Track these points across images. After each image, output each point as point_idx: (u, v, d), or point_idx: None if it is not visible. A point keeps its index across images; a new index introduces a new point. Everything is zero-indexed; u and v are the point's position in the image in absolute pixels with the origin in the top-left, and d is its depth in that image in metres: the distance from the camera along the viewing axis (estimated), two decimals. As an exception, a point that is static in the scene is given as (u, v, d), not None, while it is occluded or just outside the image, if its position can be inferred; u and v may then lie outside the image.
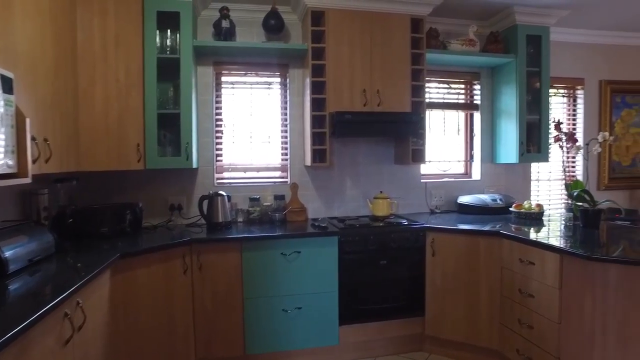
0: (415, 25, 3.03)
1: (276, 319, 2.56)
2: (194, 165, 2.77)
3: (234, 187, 3.12)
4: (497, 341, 2.56)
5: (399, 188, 3.40)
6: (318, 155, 2.95)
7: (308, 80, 2.90)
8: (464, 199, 3.35)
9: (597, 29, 3.72)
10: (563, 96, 3.82)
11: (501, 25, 3.34)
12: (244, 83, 3.17)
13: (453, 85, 3.55)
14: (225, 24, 2.85)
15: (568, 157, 3.22)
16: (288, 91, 3.20)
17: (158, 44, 2.62)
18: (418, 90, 3.06)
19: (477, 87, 3.56)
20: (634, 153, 4.01)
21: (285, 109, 3.23)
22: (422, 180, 3.46)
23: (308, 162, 2.99)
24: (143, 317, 2.17)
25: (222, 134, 3.16)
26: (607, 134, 2.44)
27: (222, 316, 2.48)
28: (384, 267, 2.72)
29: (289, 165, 3.22)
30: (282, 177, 3.25)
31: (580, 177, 3.76)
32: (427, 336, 2.80)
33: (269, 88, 3.22)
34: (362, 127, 2.84)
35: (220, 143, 3.16)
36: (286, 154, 3.24)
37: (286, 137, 3.23)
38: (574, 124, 3.85)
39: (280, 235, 2.55)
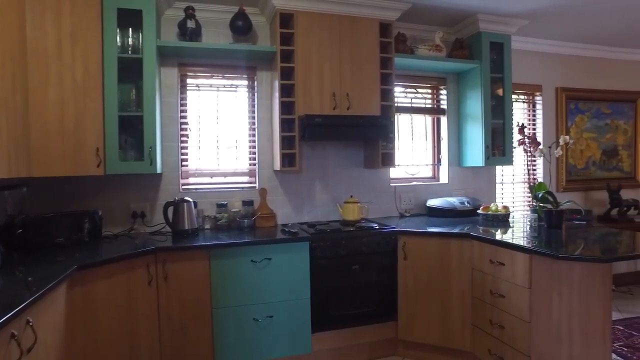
0: (383, 30, 3.04)
1: (247, 329, 2.47)
2: (158, 171, 2.64)
3: (201, 193, 3.01)
4: (469, 343, 2.58)
5: (369, 192, 3.39)
6: (287, 160, 2.89)
7: (277, 83, 2.85)
8: (433, 202, 3.39)
9: (553, 39, 3.89)
10: (523, 102, 3.96)
11: (466, 32, 3.43)
12: (210, 85, 3.07)
13: (420, 90, 3.59)
14: (190, 24, 2.75)
15: (530, 160, 3.32)
16: (256, 94, 3.13)
17: (119, 43, 2.49)
18: (387, 94, 3.07)
19: (444, 92, 3.63)
20: (587, 157, 4.21)
21: (254, 112, 3.15)
22: (391, 184, 3.47)
23: (277, 166, 2.92)
24: (104, 333, 2.03)
25: (188, 137, 3.04)
26: (567, 137, 2.54)
27: (190, 328, 2.36)
28: (356, 272, 2.69)
29: (257, 170, 3.14)
30: (251, 182, 3.17)
31: (540, 180, 3.90)
32: (400, 340, 2.79)
33: (236, 91, 3.14)
34: (332, 131, 2.81)
35: (186, 147, 3.04)
36: (254, 159, 3.16)
37: (254, 141, 3.16)
38: (534, 129, 4.00)
39: (250, 242, 2.46)
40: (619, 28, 3.69)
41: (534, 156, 2.87)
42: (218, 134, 3.10)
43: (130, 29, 2.57)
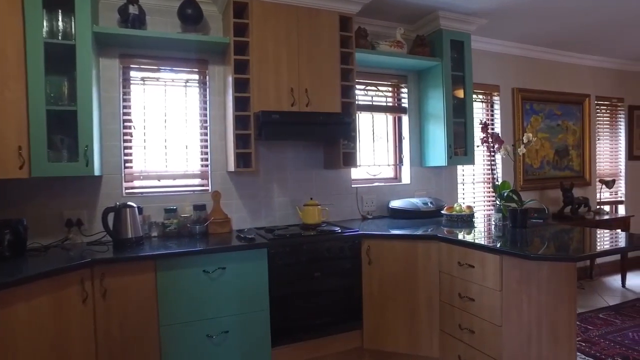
0: (344, 24, 2.91)
1: (200, 347, 2.22)
2: (96, 173, 2.35)
3: (147, 197, 2.73)
4: (438, 349, 2.47)
5: (329, 194, 3.24)
6: (242, 160, 2.69)
7: (230, 78, 2.63)
8: (396, 204, 3.29)
9: (510, 40, 3.94)
10: (482, 102, 3.97)
11: (427, 30, 3.37)
12: (157, 79, 2.80)
13: (381, 88, 3.50)
14: (132, 9, 2.48)
15: (491, 160, 3.30)
16: (208, 90, 2.89)
17: (46, 27, 2.19)
18: (348, 91, 2.94)
19: (405, 90, 3.55)
20: (542, 156, 4.30)
21: (205, 109, 2.91)
22: (353, 186, 3.34)
23: (231, 167, 2.71)
24: (26, 362, 1.73)
25: (132, 136, 2.75)
26: (530, 135, 2.51)
27: (134, 349, 2.09)
28: (318, 279, 2.52)
29: (210, 172, 2.90)
30: (203, 185, 2.92)
31: (499, 179, 3.91)
32: (367, 350, 2.64)
33: (186, 86, 2.89)
34: (290, 128, 2.63)
35: (130, 147, 2.75)
36: (207, 159, 2.92)
37: (206, 141, 2.92)
38: (492, 128, 4.02)
39: (202, 250, 2.23)
40: (568, 33, 3.80)
41: (494, 154, 2.83)
42: (166, 132, 2.84)
43: (60, 12, 2.26)
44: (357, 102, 3.08)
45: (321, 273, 2.53)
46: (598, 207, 4.56)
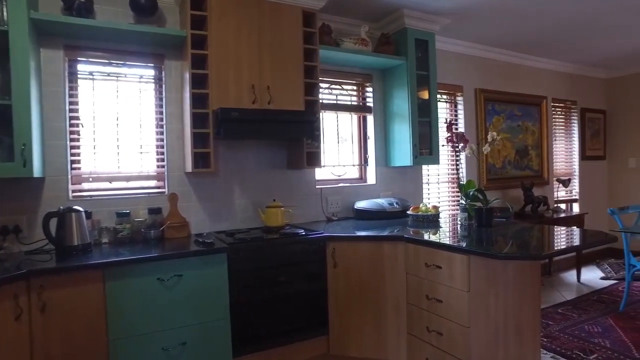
0: (307, 20, 2.82)
1: (153, 362, 2.06)
2: (37, 174, 2.14)
3: (97, 200, 2.53)
4: (406, 353, 2.42)
5: (293, 195, 3.13)
6: (201, 160, 2.54)
7: (188, 74, 2.48)
8: (361, 205, 3.23)
9: (473, 41, 3.99)
10: (446, 102, 3.99)
11: (392, 28, 3.34)
12: (109, 74, 2.61)
13: (346, 87, 3.43)
14: (78, -4, 2.28)
15: (455, 159, 3.31)
16: (164, 86, 2.72)
17: (-27, 11, 1.96)
18: (312, 89, 2.85)
19: (370, 89, 3.50)
20: (504, 156, 4.38)
21: (162, 106, 2.74)
22: (317, 187, 3.25)
23: (189, 168, 2.55)
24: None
25: (80, 135, 2.54)
26: (495, 133, 2.51)
27: (78, 368, 1.90)
28: (282, 284, 2.41)
29: (166, 173, 2.73)
30: (159, 187, 2.75)
31: (464, 179, 3.94)
32: (333, 356, 2.55)
33: (140, 82, 2.70)
34: (251, 127, 2.51)
35: (78, 147, 2.54)
36: (163, 160, 2.75)
37: (163, 140, 2.74)
38: (456, 128, 4.04)
39: (156, 256, 2.06)
40: (526, 36, 3.89)
41: (460, 153, 2.82)
42: (119, 131, 2.64)
43: (-10, -6, 2.04)
44: (321, 101, 2.99)
45: (285, 277, 2.42)
46: (555, 205, 4.70)
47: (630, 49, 4.49)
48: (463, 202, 2.66)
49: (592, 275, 4.58)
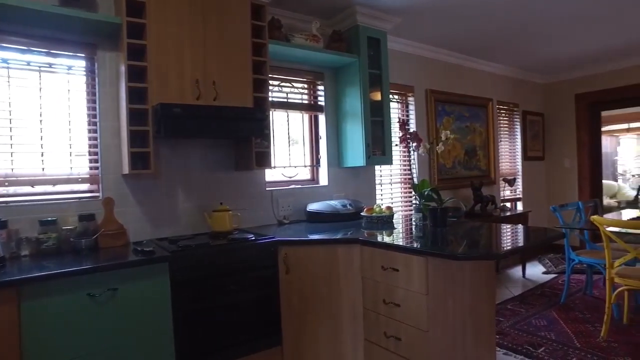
0: (256, 12, 2.67)
1: (83, 389, 1.82)
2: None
3: (15, 207, 2.22)
4: (362, 360, 2.33)
5: (242, 198, 2.96)
6: (139, 161, 2.31)
7: (123, 66, 2.25)
8: (314, 207, 3.11)
9: (423, 42, 4.02)
10: (397, 102, 3.98)
11: (343, 25, 3.26)
12: (28, 63, 2.30)
13: (296, 85, 3.31)
14: (-12, -27, 1.98)
15: (410, 159, 3.29)
16: (97, 79, 2.46)
17: None
18: (261, 85, 2.70)
19: (321, 87, 3.40)
20: (454, 156, 4.45)
21: (94, 102, 2.47)
22: (267, 189, 3.10)
23: (126, 169, 2.31)
24: None
25: (-7, 133, 2.23)
26: (448, 132, 2.49)
27: (-12, 403, 1.63)
28: (231, 293, 2.24)
29: (100, 175, 2.47)
30: (92, 191, 2.48)
31: (415, 178, 3.95)
32: (286, 368, 2.41)
33: (69, 73, 2.42)
34: (196, 124, 2.32)
35: (-10, 146, 2.22)
36: (96, 161, 2.48)
37: (96, 139, 2.48)
38: (408, 128, 4.04)
39: (86, 269, 1.82)
40: (473, 40, 3.98)
41: (415, 152, 2.79)
42: (43, 128, 2.35)
43: None
44: (271, 99, 2.85)
45: (234, 286, 2.25)
46: (502, 204, 4.85)
47: (563, 57, 4.79)
48: (417, 202, 2.62)
49: (535, 270, 4.77)
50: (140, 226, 2.56)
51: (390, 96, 3.84)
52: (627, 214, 3.87)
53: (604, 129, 5.65)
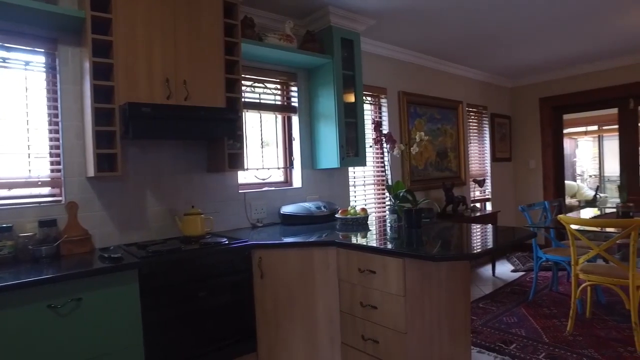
0: (228, 10, 2.61)
1: (44, 406, 1.70)
2: None
3: (-33, 213, 2.07)
4: (339, 364, 2.30)
5: (214, 201, 2.88)
6: (106, 163, 2.21)
7: (88, 63, 2.14)
8: (288, 209, 3.07)
9: (396, 45, 4.05)
10: (370, 104, 3.99)
11: (317, 26, 3.24)
12: (-19, 59, 2.16)
13: (269, 85, 3.25)
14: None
15: (383, 160, 3.29)
16: (59, 76, 2.33)
17: None
18: (233, 85, 2.64)
19: (295, 88, 3.37)
20: (426, 158, 4.50)
21: (56, 100, 2.34)
22: (240, 191, 3.03)
23: (91, 172, 2.20)
24: None
25: (-58, 133, 2.07)
26: (422, 133, 2.51)
27: None
28: (204, 299, 2.16)
29: (63, 178, 2.33)
30: (53, 195, 2.34)
31: (389, 180, 3.97)
32: (261, 375, 2.36)
33: (26, 69, 2.28)
34: (166, 125, 2.23)
35: (-61, 147, 2.06)
36: (59, 163, 2.35)
37: (58, 140, 2.34)
38: (381, 130, 4.06)
39: (45, 279, 1.70)
40: (443, 43, 4.05)
41: (389, 153, 2.79)
42: (-3, 128, 2.21)
43: None
44: (243, 99, 2.79)
45: (207, 292, 2.17)
46: (472, 204, 4.95)
47: (529, 62, 4.98)
48: (391, 203, 2.63)
49: (504, 269, 4.90)
50: (107, 231, 2.44)
51: (364, 98, 3.85)
52: (586, 213, 4.04)
53: (564, 131, 5.88)
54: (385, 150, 2.64)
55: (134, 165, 2.55)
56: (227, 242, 2.35)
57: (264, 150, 3.29)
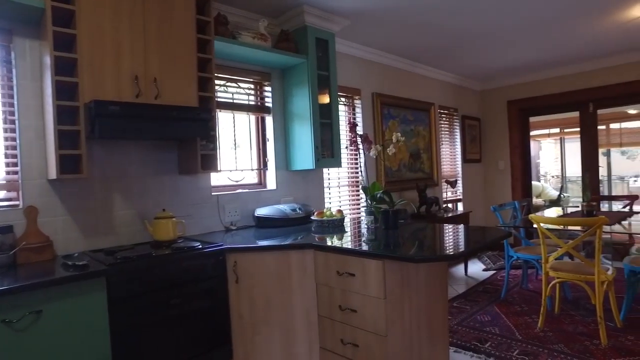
0: (201, 6, 2.52)
1: None
2: None
3: None
4: (318, 369, 2.25)
5: (186, 204, 2.77)
6: (69, 164, 2.08)
7: (49, 57, 2.00)
8: (262, 212, 3.00)
9: (370, 46, 4.05)
10: (344, 104, 3.97)
11: (291, 25, 3.18)
12: None
13: (243, 85, 3.17)
14: None
15: (359, 161, 3.27)
16: (15, 71, 2.17)
17: None
18: (206, 84, 2.55)
19: (269, 88, 3.30)
20: (399, 159, 4.52)
21: (12, 97, 2.19)
22: (213, 193, 2.93)
23: (53, 174, 2.06)
24: None
25: None
26: (399, 134, 2.50)
27: None
28: (177, 306, 2.07)
29: (20, 181, 2.18)
30: (10, 199, 2.18)
31: (364, 181, 3.95)
32: (237, 383, 2.28)
33: (-22, 65, 2.12)
34: (135, 124, 2.12)
35: None
36: (15, 164, 2.19)
37: (15, 140, 2.19)
38: (357, 131, 4.05)
39: None
40: (416, 46, 4.09)
41: (366, 154, 2.77)
42: (-54, 127, 2.03)
43: None
44: (217, 99, 2.71)
45: (180, 299, 2.08)
46: (445, 205, 5.02)
47: (497, 66, 5.12)
48: (367, 204, 2.60)
49: (476, 268, 4.98)
50: (72, 237, 2.30)
51: (338, 98, 3.83)
52: (550, 212, 4.17)
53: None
54: (361, 151, 2.61)
55: (101, 166, 2.41)
56: (200, 246, 2.26)
57: (238, 151, 3.21)
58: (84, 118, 2.04)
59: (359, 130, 3.99)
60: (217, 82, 2.88)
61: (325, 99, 3.29)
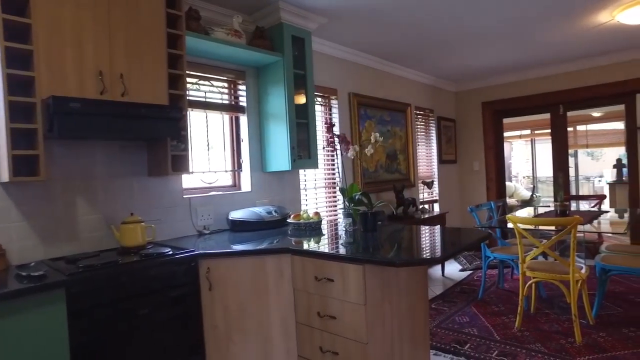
0: (171, 0, 2.40)
1: None
2: None
3: None
4: (296, 379, 2.16)
5: (156, 207, 2.64)
6: (25, 166, 1.92)
7: (0, 49, 1.85)
8: (236, 215, 2.89)
9: (347, 46, 4.00)
10: (320, 104, 3.90)
11: (267, 22, 3.09)
12: None
13: (216, 83, 3.05)
14: None
15: (336, 163, 3.20)
16: (-36, 66, 2.00)
17: None
18: (177, 81, 2.43)
19: (243, 87, 3.19)
20: (376, 160, 4.49)
21: (-39, 93, 2.01)
22: (185, 196, 2.80)
23: (5, 176, 1.90)
24: None
25: None
26: (377, 134, 2.44)
27: None
28: (146, 317, 1.94)
29: (-29, 184, 2.01)
30: (-41, 204, 2.01)
31: (341, 182, 3.89)
32: (211, 396, 2.16)
33: None
34: (100, 123, 1.98)
35: None
36: (-34, 166, 2.01)
37: (-36, 139, 2.01)
38: (334, 131, 3.98)
39: (-53, 304, 1.43)
40: (393, 46, 4.07)
41: (343, 155, 2.71)
42: None
43: None
44: (188, 98, 2.59)
45: (149, 309, 1.95)
46: (421, 206, 5.01)
47: (472, 68, 5.17)
48: (345, 206, 2.54)
49: (452, 268, 5.00)
50: (28, 245, 2.13)
51: (315, 98, 3.75)
52: (523, 212, 4.23)
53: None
54: (338, 152, 2.55)
55: (62, 168, 2.25)
56: (171, 252, 2.14)
57: (211, 152, 3.09)
58: (41, 115, 1.89)
59: (336, 130, 3.92)
60: (188, 80, 2.76)
61: (301, 99, 3.21)
